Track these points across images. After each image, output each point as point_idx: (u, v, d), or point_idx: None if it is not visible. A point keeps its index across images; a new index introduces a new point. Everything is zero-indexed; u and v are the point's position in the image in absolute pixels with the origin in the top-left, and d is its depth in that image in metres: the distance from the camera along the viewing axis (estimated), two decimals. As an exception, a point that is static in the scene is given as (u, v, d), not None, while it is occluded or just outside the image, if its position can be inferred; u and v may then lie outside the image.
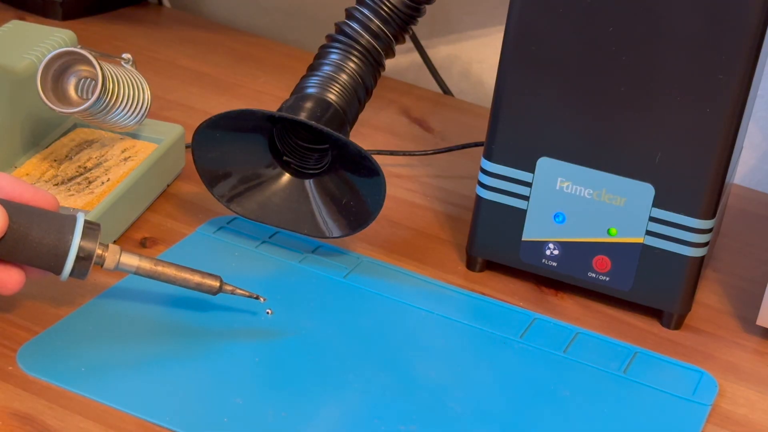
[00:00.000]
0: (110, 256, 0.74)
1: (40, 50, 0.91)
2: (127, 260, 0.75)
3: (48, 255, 0.72)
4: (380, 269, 0.89)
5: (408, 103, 1.21)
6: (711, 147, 0.81)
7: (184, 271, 0.77)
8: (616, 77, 0.82)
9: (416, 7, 0.94)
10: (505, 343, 0.82)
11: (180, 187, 0.97)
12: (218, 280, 0.77)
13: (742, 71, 0.79)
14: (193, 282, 0.77)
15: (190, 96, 1.15)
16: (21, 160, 0.90)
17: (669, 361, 0.83)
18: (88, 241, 0.73)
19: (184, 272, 0.77)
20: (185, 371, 0.75)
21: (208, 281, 0.77)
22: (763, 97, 1.13)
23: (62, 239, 0.72)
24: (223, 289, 0.78)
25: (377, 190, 0.85)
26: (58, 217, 0.73)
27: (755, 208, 1.10)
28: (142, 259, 0.76)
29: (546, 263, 0.88)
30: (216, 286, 0.77)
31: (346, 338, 0.80)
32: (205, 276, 0.77)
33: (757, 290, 0.92)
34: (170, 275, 0.76)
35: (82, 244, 0.72)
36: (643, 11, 0.80)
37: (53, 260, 0.72)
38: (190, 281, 0.77)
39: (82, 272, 0.73)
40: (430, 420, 0.73)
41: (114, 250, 0.75)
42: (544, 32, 0.82)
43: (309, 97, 0.89)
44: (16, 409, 0.70)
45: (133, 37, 1.27)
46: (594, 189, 0.85)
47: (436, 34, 1.29)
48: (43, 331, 0.76)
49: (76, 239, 0.72)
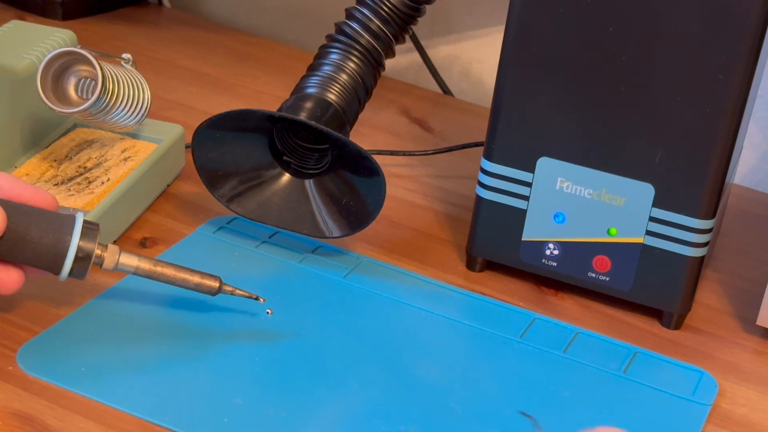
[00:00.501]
0: (109, 256, 0.74)
1: (40, 50, 0.91)
2: (126, 260, 0.75)
3: (47, 255, 0.72)
4: (380, 269, 0.89)
5: (408, 103, 1.21)
6: (711, 147, 0.81)
7: (183, 271, 0.77)
8: (616, 77, 0.82)
9: (416, 7, 0.94)
10: (505, 343, 0.82)
11: (180, 187, 0.97)
12: (218, 280, 0.77)
13: (742, 71, 0.79)
14: (192, 282, 0.77)
15: (190, 96, 1.15)
16: (21, 160, 0.90)
17: (669, 361, 0.83)
18: (87, 241, 0.73)
19: (184, 272, 0.77)
20: (185, 371, 0.75)
21: (208, 282, 0.77)
22: (763, 97, 1.13)
23: (61, 239, 0.72)
24: (222, 289, 0.77)
25: (377, 190, 0.85)
26: (57, 217, 0.73)
27: (755, 208, 1.10)
28: (141, 260, 0.76)
29: (546, 263, 0.88)
30: (215, 287, 0.77)
31: (346, 338, 0.80)
32: (205, 276, 0.77)
33: (757, 290, 0.92)
34: (169, 275, 0.76)
35: (81, 244, 0.72)
36: (643, 11, 0.80)
37: (52, 260, 0.72)
38: (190, 282, 0.77)
39: (81, 272, 0.73)
40: (430, 420, 0.73)
41: (113, 250, 0.75)
42: (544, 32, 0.82)
43: (309, 97, 0.89)
44: (16, 409, 0.70)
45: (133, 37, 1.27)
46: (594, 189, 0.85)
47: (436, 34, 1.29)
48: (43, 331, 0.76)
49: (75, 239, 0.72)
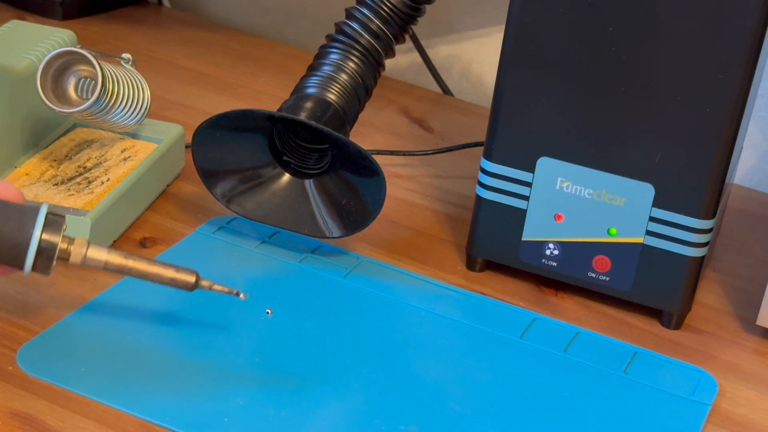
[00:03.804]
0: (76, 249, 0.69)
1: (40, 50, 0.90)
2: (95, 254, 0.70)
3: (7, 247, 0.67)
4: (380, 269, 0.89)
5: (408, 103, 1.21)
6: (711, 147, 0.81)
7: (156, 265, 0.71)
8: (616, 77, 0.82)
9: (416, 7, 0.94)
10: (505, 342, 0.82)
11: (180, 187, 0.97)
12: (194, 275, 0.72)
13: (742, 71, 0.79)
14: (166, 277, 0.71)
15: (190, 96, 1.15)
16: (21, 160, 0.90)
17: (669, 361, 0.83)
18: (50, 233, 0.68)
19: (157, 267, 0.71)
20: (185, 371, 0.75)
21: (183, 276, 0.72)
22: (763, 97, 1.13)
23: (22, 230, 0.67)
24: (199, 284, 0.72)
25: (377, 190, 0.85)
26: (20, 208, 0.68)
27: (755, 208, 1.10)
28: (110, 253, 0.70)
29: (546, 263, 0.88)
30: (191, 282, 0.72)
31: (346, 338, 0.80)
32: (180, 271, 0.72)
33: (757, 290, 0.92)
34: (141, 270, 0.71)
35: (44, 237, 0.68)
36: (643, 11, 0.80)
37: (13, 252, 0.67)
38: (164, 276, 0.71)
39: (45, 266, 0.68)
40: (430, 420, 0.73)
41: (80, 242, 0.70)
42: (544, 32, 0.82)
43: (309, 97, 0.89)
44: (16, 409, 0.70)
45: (133, 37, 1.27)
46: (594, 189, 0.85)
47: (436, 34, 1.29)
48: (44, 332, 0.76)
49: (37, 230, 0.67)
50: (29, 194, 0.86)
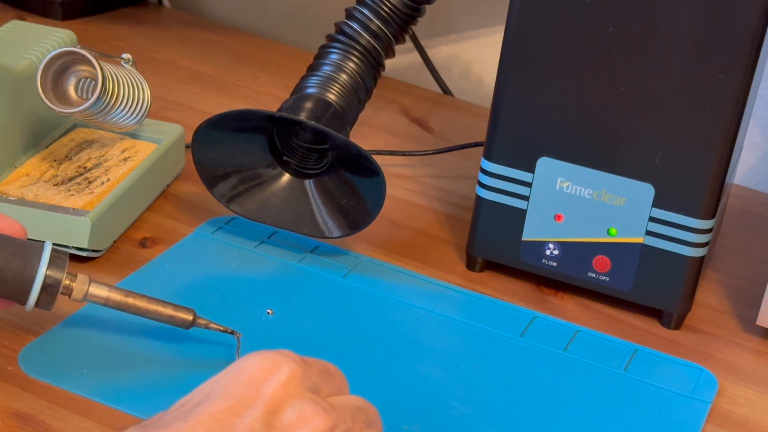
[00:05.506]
0: (78, 286, 0.71)
1: (40, 50, 0.91)
2: (96, 291, 0.72)
3: (12, 282, 0.69)
4: (380, 269, 0.89)
5: (408, 103, 1.21)
6: (711, 147, 0.81)
7: (155, 303, 0.74)
8: (616, 77, 0.82)
9: (416, 7, 0.94)
10: (505, 341, 0.82)
11: (180, 187, 0.97)
12: (191, 313, 0.74)
13: (742, 71, 0.79)
14: (165, 315, 0.74)
15: (190, 96, 1.15)
16: (21, 160, 0.90)
17: (669, 359, 0.83)
18: (55, 270, 0.70)
19: (156, 305, 0.74)
20: (186, 371, 0.75)
21: (181, 314, 0.74)
22: (763, 97, 1.13)
23: (27, 266, 0.69)
24: (196, 323, 0.75)
25: (377, 190, 0.85)
26: (25, 245, 0.70)
27: (755, 208, 1.10)
28: (111, 291, 0.73)
29: (546, 263, 0.88)
30: (189, 320, 0.74)
31: (345, 338, 0.80)
32: (178, 309, 0.74)
33: (757, 290, 0.92)
34: (141, 308, 0.73)
35: (49, 273, 0.69)
36: (643, 11, 0.80)
37: (18, 288, 0.69)
38: (162, 314, 0.74)
39: (48, 302, 0.70)
40: (431, 419, 0.73)
41: (82, 279, 0.72)
42: (544, 32, 0.82)
43: (309, 97, 0.89)
44: (16, 410, 0.70)
45: (133, 37, 1.28)
46: (594, 189, 0.85)
47: (436, 34, 1.29)
48: (45, 333, 0.76)
49: (42, 267, 0.69)
50: (29, 194, 0.86)
